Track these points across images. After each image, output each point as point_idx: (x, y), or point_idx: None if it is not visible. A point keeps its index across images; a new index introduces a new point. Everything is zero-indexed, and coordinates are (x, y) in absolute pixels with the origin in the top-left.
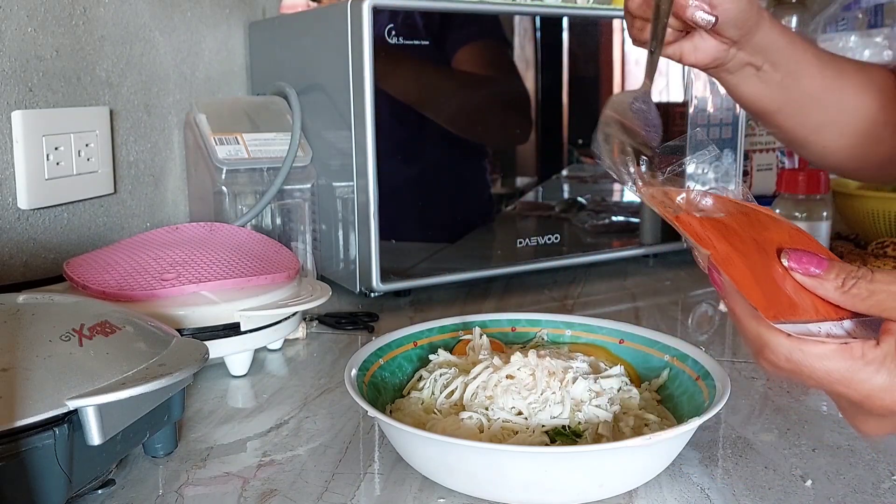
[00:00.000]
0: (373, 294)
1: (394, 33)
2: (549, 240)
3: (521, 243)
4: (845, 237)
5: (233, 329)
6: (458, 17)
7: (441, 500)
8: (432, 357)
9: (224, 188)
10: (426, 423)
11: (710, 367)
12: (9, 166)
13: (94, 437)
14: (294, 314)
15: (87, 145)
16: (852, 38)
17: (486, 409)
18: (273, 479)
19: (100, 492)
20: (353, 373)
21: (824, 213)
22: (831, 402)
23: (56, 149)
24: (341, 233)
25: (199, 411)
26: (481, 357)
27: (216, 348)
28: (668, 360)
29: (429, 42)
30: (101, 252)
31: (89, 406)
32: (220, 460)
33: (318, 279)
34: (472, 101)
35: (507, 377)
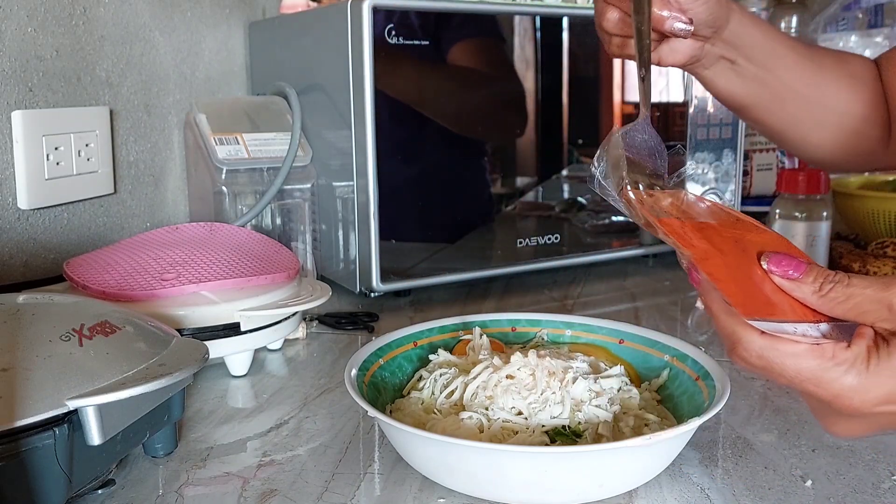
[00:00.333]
0: (373, 294)
1: (394, 33)
2: (549, 240)
3: (521, 243)
4: (845, 237)
5: (233, 329)
6: (453, 15)
7: (441, 500)
8: (432, 357)
9: (224, 188)
10: (426, 423)
11: (709, 368)
12: (9, 166)
13: (94, 437)
14: (294, 314)
15: (87, 145)
16: (852, 38)
17: (486, 409)
18: (273, 479)
19: (100, 492)
20: (353, 373)
21: (824, 213)
22: None
23: (56, 149)
24: (341, 233)
25: (199, 411)
26: (481, 357)
27: (216, 348)
28: (667, 360)
29: (428, 42)
30: (101, 252)
31: (89, 406)
32: (220, 460)
33: (318, 279)
34: (469, 97)
35: (507, 377)
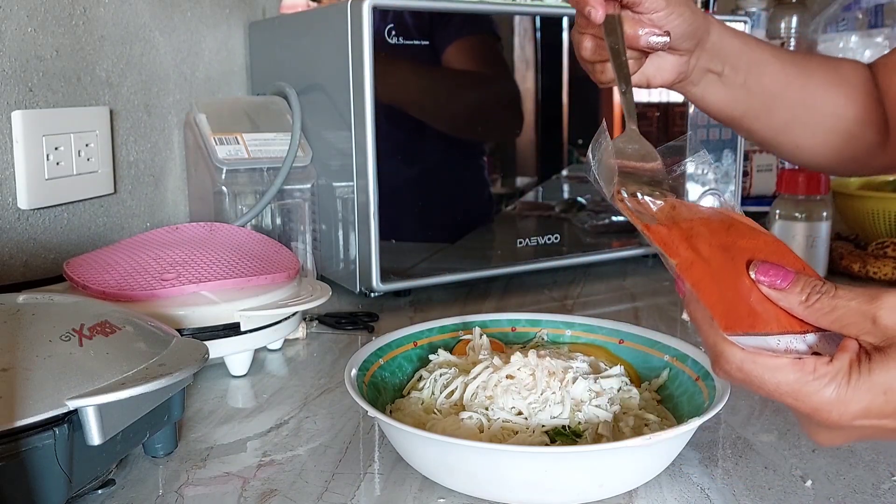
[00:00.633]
0: (373, 294)
1: (394, 33)
2: (549, 240)
3: (521, 243)
4: (845, 237)
5: (233, 329)
6: (449, 15)
7: (441, 500)
8: (432, 357)
9: (224, 188)
10: (426, 423)
11: (709, 368)
12: (9, 166)
13: (94, 437)
14: (294, 314)
15: (87, 145)
16: (852, 38)
17: (486, 409)
18: (273, 479)
19: (100, 492)
20: (353, 373)
21: (824, 213)
22: None
23: (56, 149)
24: (341, 233)
25: (199, 411)
26: (481, 357)
27: (216, 348)
28: (667, 360)
29: (428, 42)
30: (101, 252)
31: (89, 406)
32: (220, 460)
33: (318, 279)
34: (465, 101)
35: (507, 377)
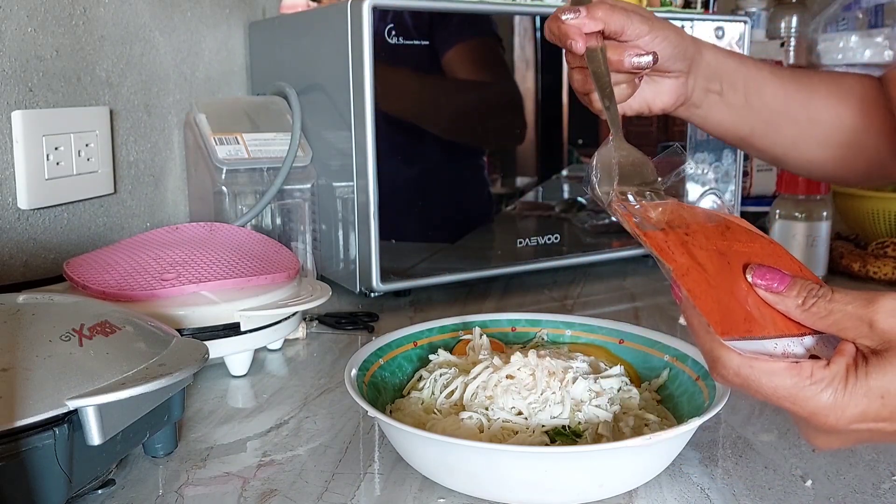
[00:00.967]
0: (373, 294)
1: (394, 33)
2: (549, 240)
3: (521, 243)
4: (845, 237)
5: (233, 329)
6: (450, 16)
7: (441, 500)
8: (432, 357)
9: (224, 188)
10: (426, 423)
11: None
12: (9, 166)
13: (94, 437)
14: (294, 314)
15: (87, 145)
16: (853, 38)
17: (486, 409)
18: (273, 479)
19: (100, 492)
20: (353, 373)
21: (824, 213)
22: None
23: (56, 149)
24: (341, 233)
25: (199, 411)
26: (481, 357)
27: (216, 348)
28: (667, 360)
29: (428, 42)
30: (101, 252)
31: (89, 406)
32: (220, 460)
33: (318, 279)
34: (467, 109)
35: (507, 377)
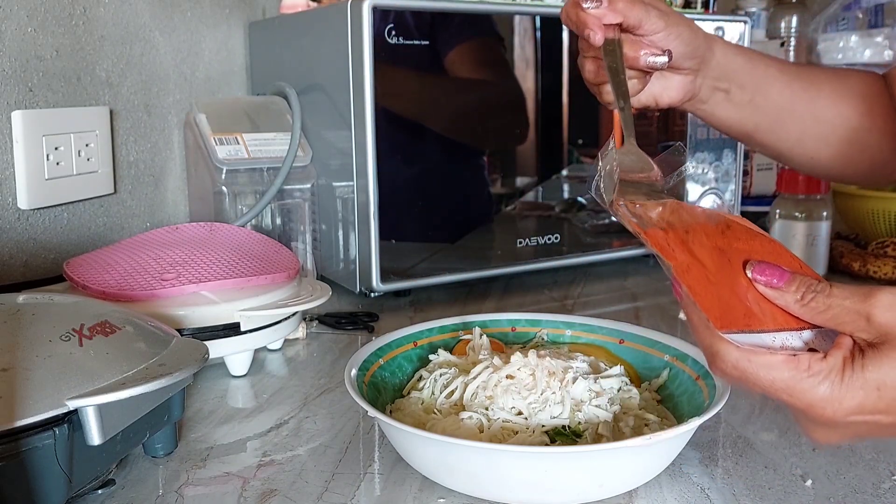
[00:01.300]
0: (373, 294)
1: (394, 33)
2: (549, 240)
3: (521, 243)
4: (845, 237)
5: (233, 329)
6: (451, 16)
7: (441, 500)
8: (432, 357)
9: (224, 188)
10: (426, 423)
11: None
12: (9, 166)
13: (94, 437)
14: (294, 314)
15: (87, 145)
16: (853, 38)
17: (486, 409)
18: (273, 479)
19: (100, 492)
20: (353, 373)
21: (824, 213)
22: None
23: (56, 149)
24: (341, 233)
25: (199, 411)
26: (481, 357)
27: (216, 348)
28: (668, 359)
29: (428, 42)
30: (101, 252)
31: (89, 406)
32: (220, 460)
33: (318, 279)
34: (469, 108)
35: (507, 377)
